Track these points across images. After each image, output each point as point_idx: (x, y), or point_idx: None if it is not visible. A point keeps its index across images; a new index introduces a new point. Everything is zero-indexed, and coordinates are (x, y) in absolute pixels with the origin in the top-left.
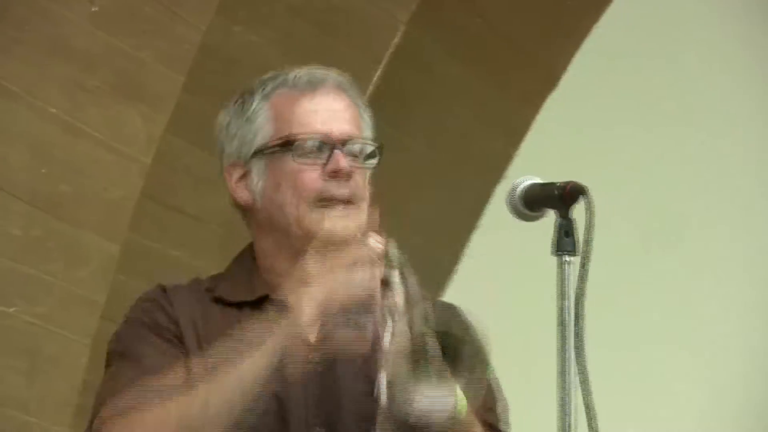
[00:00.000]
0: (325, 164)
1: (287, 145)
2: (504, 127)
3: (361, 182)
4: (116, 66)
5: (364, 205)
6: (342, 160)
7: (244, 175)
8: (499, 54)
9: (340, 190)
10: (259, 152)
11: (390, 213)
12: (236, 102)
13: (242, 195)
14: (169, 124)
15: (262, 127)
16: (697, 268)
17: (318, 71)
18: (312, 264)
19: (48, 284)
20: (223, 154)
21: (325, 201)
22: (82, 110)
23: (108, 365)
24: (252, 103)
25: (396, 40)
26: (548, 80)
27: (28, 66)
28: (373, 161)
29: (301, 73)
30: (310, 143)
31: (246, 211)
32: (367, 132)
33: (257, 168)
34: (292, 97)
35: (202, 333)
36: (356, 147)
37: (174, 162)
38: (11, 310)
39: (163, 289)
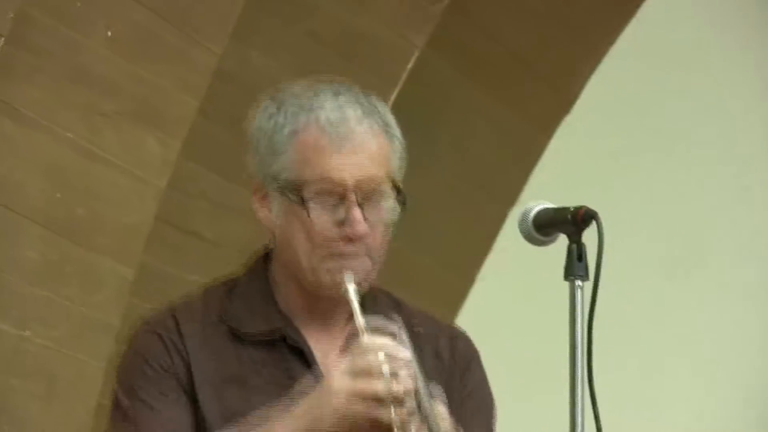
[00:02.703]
0: (341, 221)
1: (302, 199)
2: (518, 150)
3: (380, 236)
4: (133, 91)
5: (379, 257)
6: (358, 226)
7: (265, 196)
8: (513, 78)
9: (353, 249)
10: (277, 188)
11: (404, 236)
12: (270, 115)
13: (263, 215)
14: (184, 149)
15: (286, 167)
16: (713, 294)
17: (349, 111)
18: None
19: (64, 308)
20: (249, 163)
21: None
22: (98, 135)
23: (117, 408)
24: (281, 132)
25: (411, 64)
26: (563, 104)
27: (46, 92)
28: (396, 211)
29: (334, 115)
30: (327, 198)
31: (267, 228)
32: (394, 161)
33: (277, 204)
34: (320, 145)
35: (217, 375)
36: (376, 198)
37: (189, 186)
38: (26, 333)
39: (175, 321)
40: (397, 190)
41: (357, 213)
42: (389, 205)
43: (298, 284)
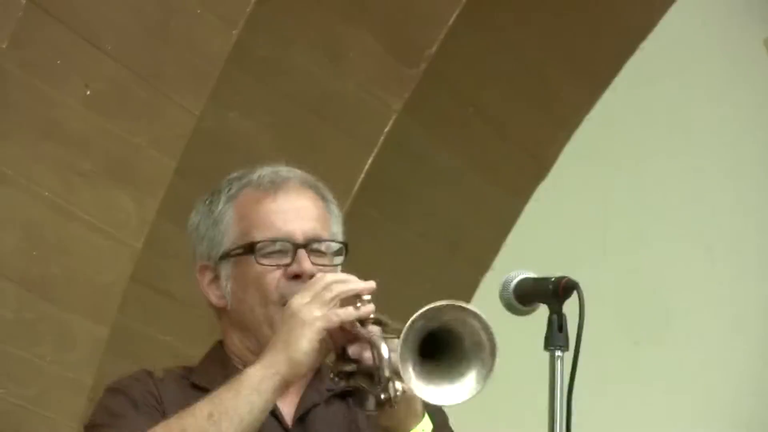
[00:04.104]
0: (288, 265)
1: (250, 248)
2: (493, 217)
3: None
4: (109, 149)
5: None
6: (305, 263)
7: (215, 278)
8: (489, 143)
9: None
10: (226, 255)
11: (377, 300)
12: (205, 202)
13: (214, 297)
14: (161, 209)
15: (228, 230)
16: (682, 360)
17: (282, 170)
18: None
19: (37, 367)
20: (194, 255)
21: None
22: (74, 193)
23: (99, 406)
24: (218, 205)
25: (388, 128)
26: (538, 171)
27: (22, 149)
28: (340, 258)
29: (265, 172)
30: (271, 246)
31: (219, 311)
32: (335, 227)
33: (225, 271)
34: (256, 197)
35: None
36: (321, 246)
37: (164, 246)
38: (0, 392)
39: (149, 373)
40: (341, 243)
41: (303, 252)
42: (333, 251)
43: (254, 347)
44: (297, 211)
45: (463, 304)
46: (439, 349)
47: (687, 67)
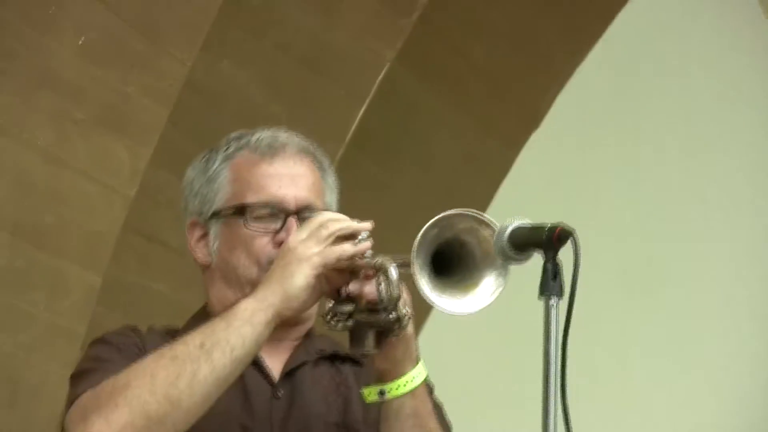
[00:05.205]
0: (278, 230)
1: (242, 210)
2: (486, 166)
3: None
4: (102, 99)
5: None
6: (294, 231)
7: (204, 235)
8: (482, 94)
9: None
10: (216, 214)
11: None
12: (202, 159)
13: (201, 254)
14: (154, 157)
15: (221, 189)
16: (676, 310)
17: (281, 135)
18: None
19: (30, 314)
20: (186, 210)
21: None
22: (67, 142)
23: (76, 381)
24: (215, 163)
25: (380, 78)
26: (531, 120)
27: (15, 98)
28: None
29: (264, 135)
30: (263, 210)
31: (204, 268)
32: (329, 197)
33: (215, 229)
34: (252, 160)
35: None
36: (313, 215)
37: (157, 195)
38: None
39: (133, 328)
40: None
41: (293, 220)
42: None
43: None
44: (292, 177)
45: (474, 212)
46: (450, 264)
47: (679, 19)
